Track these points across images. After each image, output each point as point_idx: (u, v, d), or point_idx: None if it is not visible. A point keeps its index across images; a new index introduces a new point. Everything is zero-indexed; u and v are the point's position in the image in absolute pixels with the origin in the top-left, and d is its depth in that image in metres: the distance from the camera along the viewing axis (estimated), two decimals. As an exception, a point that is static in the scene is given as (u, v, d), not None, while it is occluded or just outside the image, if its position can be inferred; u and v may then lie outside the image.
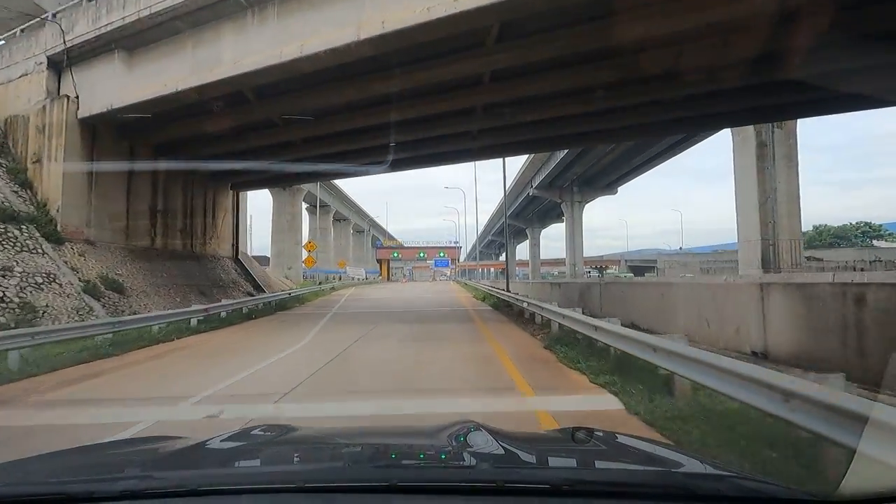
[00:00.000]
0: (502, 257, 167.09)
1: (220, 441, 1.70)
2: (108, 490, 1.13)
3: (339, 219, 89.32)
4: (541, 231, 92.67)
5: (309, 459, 1.62)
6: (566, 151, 49.88)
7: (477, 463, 1.41)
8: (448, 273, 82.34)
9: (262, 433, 1.93)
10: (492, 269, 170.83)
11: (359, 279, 61.22)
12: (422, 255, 76.71)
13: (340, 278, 61.81)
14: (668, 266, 63.98)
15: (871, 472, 1.85)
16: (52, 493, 1.14)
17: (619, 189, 62.41)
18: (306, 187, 55.52)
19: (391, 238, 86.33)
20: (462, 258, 78.94)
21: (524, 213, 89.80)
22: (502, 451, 1.48)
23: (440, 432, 1.70)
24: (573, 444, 1.58)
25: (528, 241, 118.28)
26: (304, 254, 50.83)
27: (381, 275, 76.08)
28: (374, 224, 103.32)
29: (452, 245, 76.06)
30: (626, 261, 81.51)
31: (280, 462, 1.59)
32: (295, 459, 1.64)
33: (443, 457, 1.58)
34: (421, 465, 1.50)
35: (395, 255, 76.34)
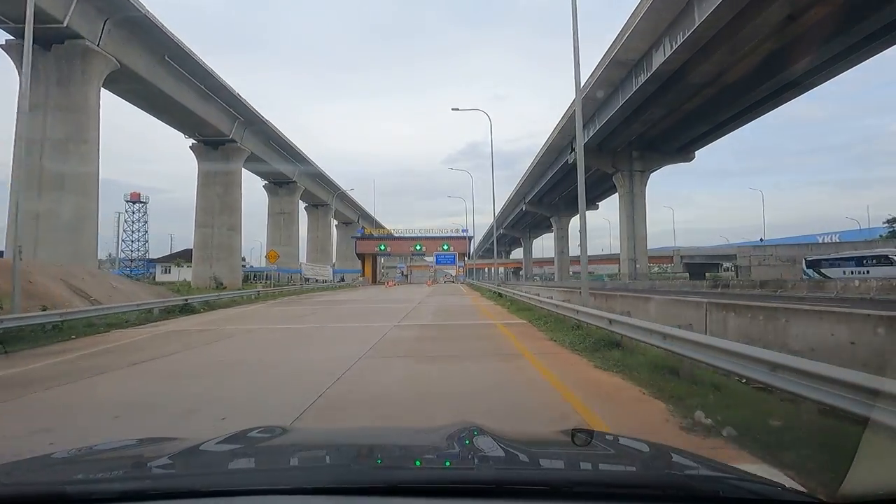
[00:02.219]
0: (514, 254, 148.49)
1: (218, 442, 1.65)
2: (105, 491, 1.12)
3: (315, 204, 71.26)
4: (569, 221, 74.72)
5: (308, 461, 1.58)
6: (632, 92, 32.11)
7: (477, 464, 1.41)
8: (454, 273, 63.49)
9: (260, 435, 1.88)
10: (501, 269, 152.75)
11: (324, 281, 43.32)
12: (418, 247, 57.82)
13: (302, 279, 43.73)
14: (759, 262, 45.81)
15: (872, 473, 1.69)
16: (51, 494, 1.12)
17: (697, 153, 44.62)
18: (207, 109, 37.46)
19: (379, 226, 67.92)
20: (471, 253, 59.89)
21: (548, 198, 71.89)
22: (502, 453, 1.46)
23: (441, 434, 1.68)
24: (573, 445, 1.55)
25: (552, 233, 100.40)
26: (234, 241, 33.26)
27: (362, 275, 57.70)
28: (364, 214, 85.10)
29: (460, 235, 57.64)
30: (681, 256, 63.36)
31: (279, 463, 1.54)
32: (294, 461, 1.59)
33: (444, 458, 1.53)
34: (421, 466, 1.44)
35: (382, 247, 57.73)
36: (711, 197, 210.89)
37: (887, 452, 2.23)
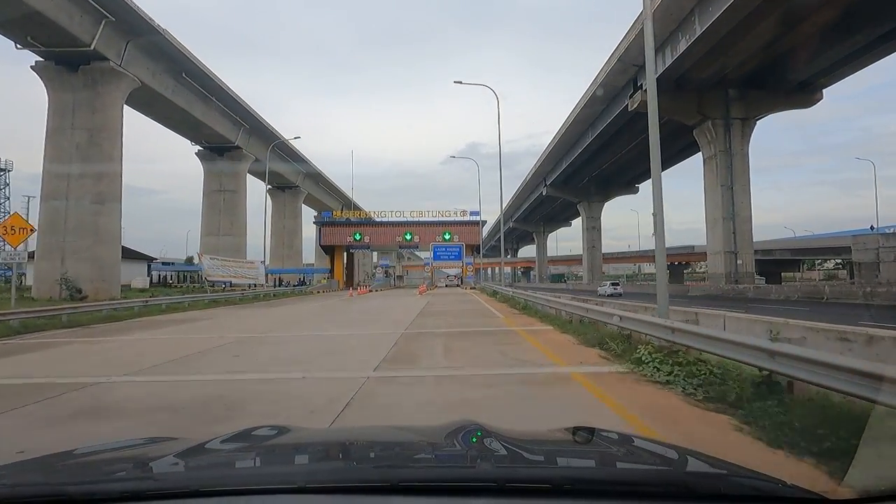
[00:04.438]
0: (521, 253, 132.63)
1: (220, 442, 1.63)
2: (107, 491, 1.12)
3: (281, 186, 56.40)
4: (601, 208, 59.84)
5: (309, 460, 1.59)
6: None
7: (478, 462, 1.38)
8: (460, 272, 48.30)
9: (261, 434, 1.86)
10: (506, 269, 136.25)
11: (245, 288, 27.96)
12: (408, 236, 42.55)
13: (204, 280, 29.47)
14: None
15: (873, 468, 1.67)
16: (52, 495, 1.11)
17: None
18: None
19: (357, 209, 52.31)
20: (480, 245, 44.22)
21: (577, 178, 56.89)
22: (504, 451, 1.43)
23: (442, 432, 1.66)
24: (574, 443, 1.56)
25: (569, 225, 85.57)
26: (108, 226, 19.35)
27: (331, 275, 42.64)
28: (349, 204, 69.94)
29: (469, 220, 42.51)
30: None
31: (280, 463, 1.53)
32: (295, 460, 1.59)
33: (444, 456, 1.52)
34: (422, 464, 1.43)
35: (357, 236, 42.54)
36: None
37: (888, 448, 2.21)
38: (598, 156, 45.82)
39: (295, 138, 33.17)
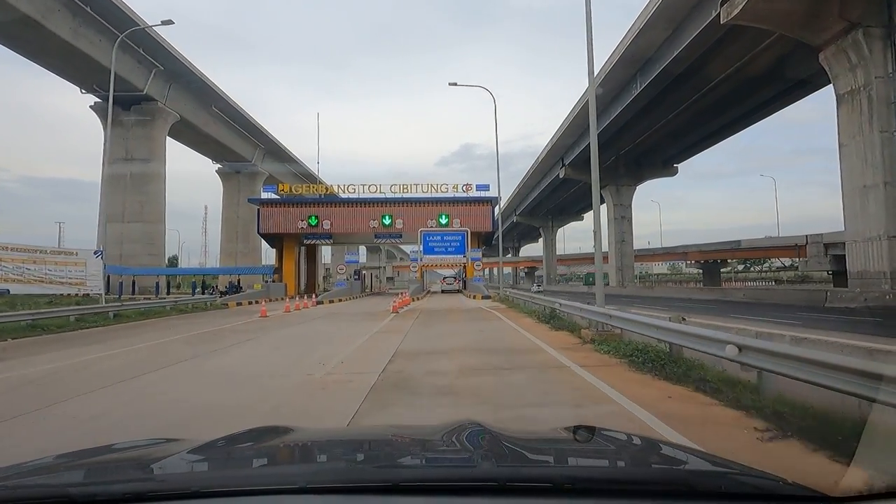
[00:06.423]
0: (523, 251, 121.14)
1: (221, 443, 1.64)
2: (109, 492, 1.12)
3: (243, 171, 45.14)
4: (632, 192, 48.62)
5: (310, 460, 1.60)
6: None
7: (479, 462, 1.39)
8: (460, 271, 37.09)
9: (262, 435, 1.86)
10: (507, 269, 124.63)
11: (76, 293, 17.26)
12: (387, 220, 30.23)
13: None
14: None
15: (874, 466, 1.67)
16: (54, 496, 1.11)
17: None
18: None
19: (321, 182, 40.39)
20: (499, 231, 32.37)
21: (602, 157, 46.39)
22: (504, 450, 1.45)
23: (442, 432, 1.65)
24: (575, 442, 1.55)
25: (604, 209, 74.64)
26: None
27: (278, 277, 31.28)
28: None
29: (476, 198, 31.01)
30: (825, 245, 38.70)
31: (282, 463, 1.55)
32: (296, 461, 1.61)
33: (445, 456, 1.51)
34: (422, 464, 1.43)
35: (313, 220, 29.85)
36: (704, 198, 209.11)
37: (888, 445, 2.12)
38: (639, 121, 35.06)
39: (166, 22, 21.42)
